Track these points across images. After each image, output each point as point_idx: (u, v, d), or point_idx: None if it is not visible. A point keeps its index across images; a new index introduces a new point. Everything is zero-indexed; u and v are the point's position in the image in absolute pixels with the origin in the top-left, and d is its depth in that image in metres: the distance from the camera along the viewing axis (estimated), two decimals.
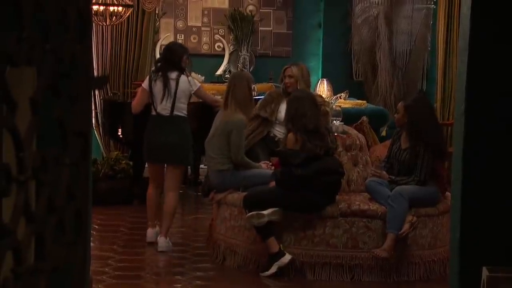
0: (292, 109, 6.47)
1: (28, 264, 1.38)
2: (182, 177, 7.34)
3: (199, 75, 12.29)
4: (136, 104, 7.41)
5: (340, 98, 10.35)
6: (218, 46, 12.65)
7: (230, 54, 12.52)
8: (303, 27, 12.75)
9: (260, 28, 12.73)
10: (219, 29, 12.67)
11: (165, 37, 12.43)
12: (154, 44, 11.47)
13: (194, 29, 12.66)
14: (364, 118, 8.52)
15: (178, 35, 12.64)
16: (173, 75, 7.11)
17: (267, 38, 12.76)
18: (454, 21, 10.15)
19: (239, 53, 12.49)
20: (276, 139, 7.26)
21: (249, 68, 12.25)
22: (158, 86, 7.11)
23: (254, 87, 9.40)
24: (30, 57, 1.38)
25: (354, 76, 12.19)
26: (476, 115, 3.85)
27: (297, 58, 12.42)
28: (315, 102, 6.62)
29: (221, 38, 12.62)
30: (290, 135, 6.37)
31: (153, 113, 7.16)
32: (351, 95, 10.90)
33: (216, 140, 6.85)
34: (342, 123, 7.30)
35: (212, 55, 12.60)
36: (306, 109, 6.38)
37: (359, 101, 10.52)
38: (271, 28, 12.81)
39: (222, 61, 12.39)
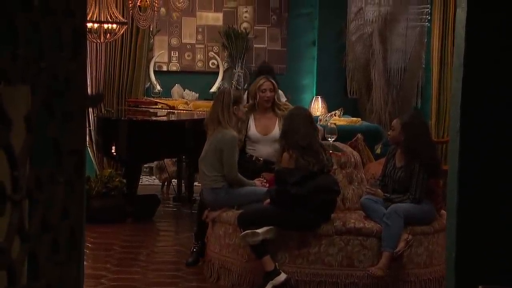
0: (285, 126, 6.46)
1: (21, 283, 1.37)
2: None
3: (193, 93, 12.32)
4: None
5: (335, 116, 10.38)
6: (213, 63, 12.67)
7: (225, 71, 12.54)
8: (297, 45, 12.76)
9: (255, 45, 12.75)
10: (213, 46, 12.69)
11: (159, 54, 12.44)
12: (148, 62, 11.47)
13: (188, 46, 12.67)
14: (359, 135, 8.51)
15: (172, 52, 12.65)
16: None
17: (262, 55, 12.77)
18: (448, 39, 10.16)
19: (234, 70, 12.51)
20: (253, 158, 7.23)
21: (243, 85, 12.26)
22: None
23: (244, 102, 9.43)
24: (25, 75, 1.37)
25: (349, 93, 12.19)
26: (471, 133, 3.84)
27: (292, 75, 12.47)
28: (311, 119, 6.57)
29: (215, 55, 12.63)
30: (285, 154, 6.33)
31: None
32: (346, 113, 10.92)
33: (209, 158, 6.82)
34: (337, 140, 7.28)
35: (206, 72, 12.61)
36: (299, 125, 6.34)
37: (354, 119, 10.53)
38: (266, 45, 12.83)
39: (217, 78, 12.41)
